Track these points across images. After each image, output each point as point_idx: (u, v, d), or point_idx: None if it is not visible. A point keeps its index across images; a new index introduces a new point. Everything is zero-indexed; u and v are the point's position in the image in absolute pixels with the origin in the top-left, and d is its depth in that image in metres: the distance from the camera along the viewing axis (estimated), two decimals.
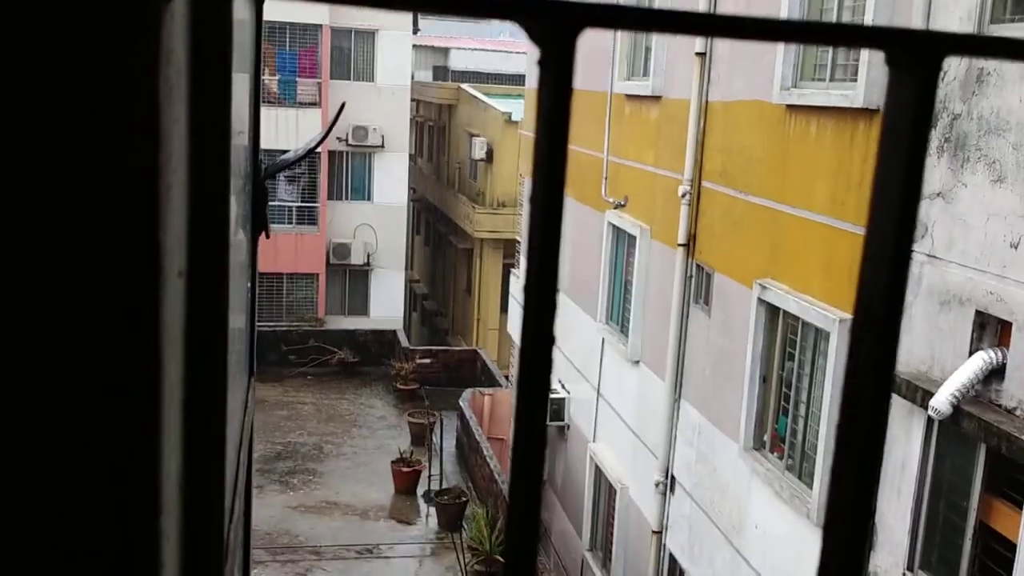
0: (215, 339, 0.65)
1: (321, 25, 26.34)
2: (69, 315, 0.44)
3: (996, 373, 6.35)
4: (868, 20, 7.71)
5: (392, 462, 19.08)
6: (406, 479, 18.86)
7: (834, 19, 8.48)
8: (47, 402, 0.46)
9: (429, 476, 18.76)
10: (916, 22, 7.15)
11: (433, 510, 18.00)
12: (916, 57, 0.50)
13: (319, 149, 26.41)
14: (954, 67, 6.84)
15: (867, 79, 7.72)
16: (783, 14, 8.95)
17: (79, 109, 0.42)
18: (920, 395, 6.81)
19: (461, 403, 20.62)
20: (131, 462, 0.45)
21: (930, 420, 6.84)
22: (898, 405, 7.29)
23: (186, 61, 0.55)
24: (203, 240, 0.60)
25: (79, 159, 0.42)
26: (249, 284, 1.46)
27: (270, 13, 27.49)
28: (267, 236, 1.59)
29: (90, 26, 0.41)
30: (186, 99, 0.56)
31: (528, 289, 0.48)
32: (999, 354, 6.33)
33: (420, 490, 18.90)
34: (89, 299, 0.44)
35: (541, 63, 0.46)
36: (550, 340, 0.48)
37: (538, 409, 0.48)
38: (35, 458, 0.46)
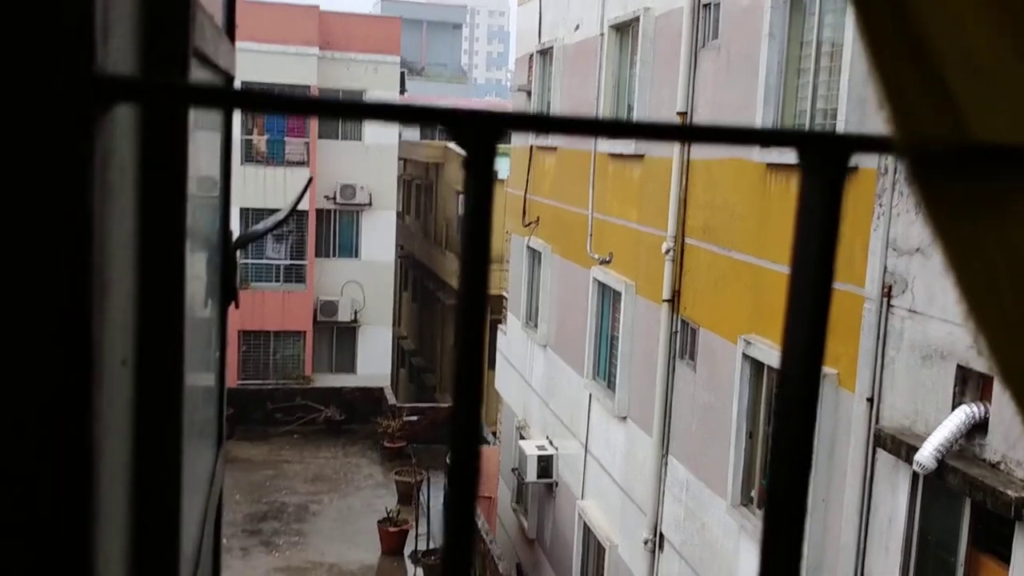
0: (167, 424, 0.67)
1: (309, 86, 26.63)
2: None
3: (979, 427, 6.36)
4: (842, 105, 7.86)
5: (379, 522, 18.87)
6: (393, 539, 18.64)
7: (808, 109, 8.67)
8: None
9: (416, 536, 18.55)
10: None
11: (420, 571, 17.76)
12: (825, 156, 0.52)
13: (306, 207, 26.53)
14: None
15: None
16: (759, 99, 9.13)
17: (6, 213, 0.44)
18: (905, 450, 6.81)
19: (448, 461, 20.43)
20: (59, 544, 0.47)
21: (915, 475, 6.83)
22: (883, 460, 7.29)
23: (134, 158, 0.57)
24: (153, 330, 0.62)
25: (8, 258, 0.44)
26: (218, 354, 1.47)
27: (259, 74, 27.64)
28: (236, 306, 1.60)
29: (18, 134, 0.44)
30: (135, 195, 0.58)
31: (456, 375, 0.50)
32: (982, 408, 6.36)
33: (407, 550, 18.67)
34: (16, 389, 0.45)
35: (466, 165, 0.49)
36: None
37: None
38: None
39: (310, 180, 4.79)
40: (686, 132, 0.52)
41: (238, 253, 1.83)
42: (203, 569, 1.25)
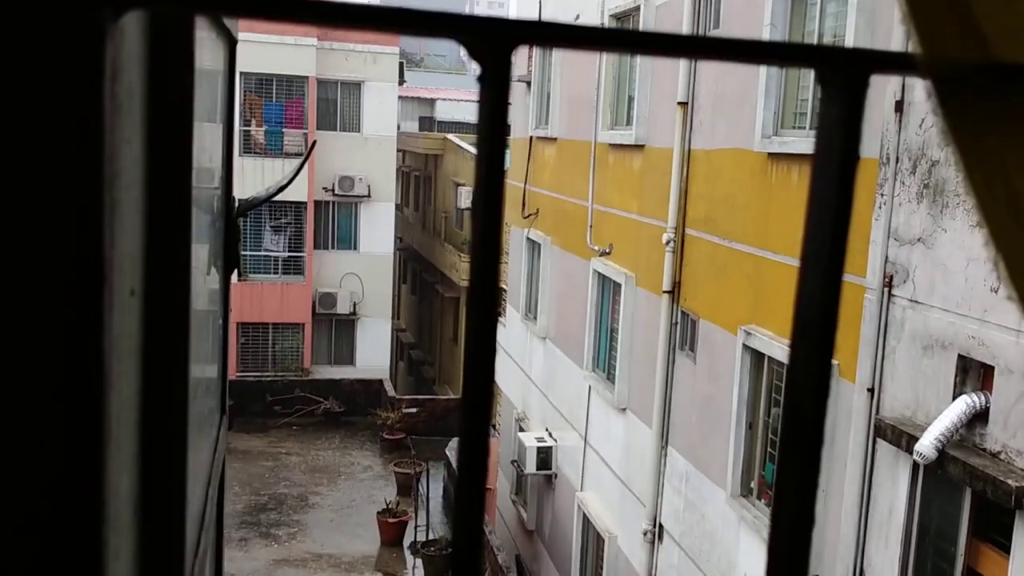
0: (175, 356, 0.66)
1: (308, 77, 26.59)
2: (7, 319, 0.44)
3: (980, 417, 6.36)
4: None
5: (378, 513, 18.89)
6: (392, 530, 18.66)
7: (809, 99, 8.63)
8: None
9: (416, 527, 18.57)
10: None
11: (420, 561, 17.78)
12: (845, 74, 0.51)
13: (305, 199, 26.49)
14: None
15: None
16: (760, 90, 9.09)
17: (13, 121, 0.43)
18: (905, 440, 6.81)
19: (448, 452, 20.49)
20: (70, 469, 0.46)
21: (916, 465, 6.83)
22: (884, 450, 7.29)
23: (142, 83, 0.56)
24: (161, 261, 0.61)
25: (14, 168, 0.44)
26: (221, 321, 1.47)
27: (257, 65, 27.64)
28: (239, 276, 1.59)
29: (29, 41, 0.43)
30: (142, 122, 0.57)
31: (471, 299, 0.49)
32: (982, 398, 6.35)
33: (407, 541, 18.68)
34: (28, 307, 0.45)
35: (480, 78, 0.48)
36: (492, 351, 0.48)
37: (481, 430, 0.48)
38: None
39: (313, 144, 4.76)
40: (698, 44, 0.51)
41: (240, 221, 1.82)
42: (207, 525, 1.25)
